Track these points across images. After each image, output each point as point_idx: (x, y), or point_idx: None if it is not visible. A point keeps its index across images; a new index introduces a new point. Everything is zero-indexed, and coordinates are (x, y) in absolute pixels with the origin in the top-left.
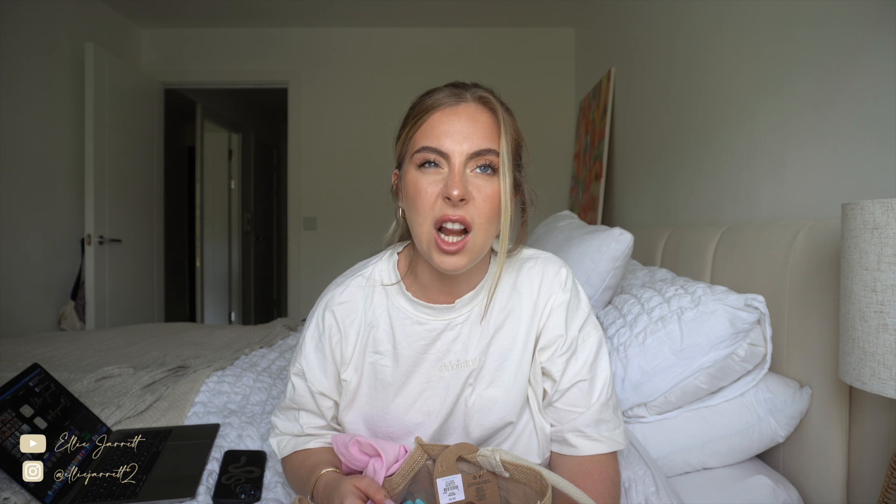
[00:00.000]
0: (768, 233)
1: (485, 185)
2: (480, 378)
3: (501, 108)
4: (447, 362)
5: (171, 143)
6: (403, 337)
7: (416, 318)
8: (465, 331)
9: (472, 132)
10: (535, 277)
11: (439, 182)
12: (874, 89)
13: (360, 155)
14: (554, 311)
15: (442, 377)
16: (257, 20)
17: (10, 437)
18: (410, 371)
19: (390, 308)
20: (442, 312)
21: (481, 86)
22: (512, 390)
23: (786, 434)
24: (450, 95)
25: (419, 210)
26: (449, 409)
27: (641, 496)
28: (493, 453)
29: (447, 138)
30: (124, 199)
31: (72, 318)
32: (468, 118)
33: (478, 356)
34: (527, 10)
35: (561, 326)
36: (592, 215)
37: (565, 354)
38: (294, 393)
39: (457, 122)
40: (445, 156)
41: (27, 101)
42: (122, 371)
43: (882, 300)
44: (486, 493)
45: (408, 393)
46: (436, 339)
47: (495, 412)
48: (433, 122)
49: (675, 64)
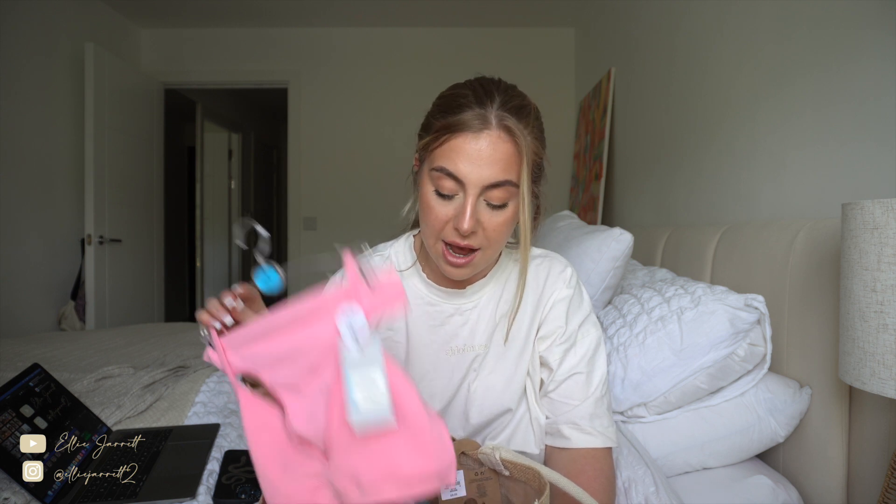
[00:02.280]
0: (768, 233)
1: (496, 215)
2: (484, 364)
3: (525, 132)
4: (453, 346)
5: (171, 143)
6: (416, 316)
7: (428, 298)
8: (473, 317)
9: (491, 162)
10: (542, 273)
11: (452, 209)
12: (874, 89)
13: (360, 155)
14: (556, 305)
15: (448, 361)
16: (257, 20)
17: (10, 437)
18: (419, 352)
19: (406, 287)
20: (453, 297)
21: (509, 94)
22: (513, 378)
23: (786, 434)
24: (475, 117)
25: (429, 226)
26: (452, 394)
27: (641, 496)
28: (493, 451)
29: (465, 165)
30: (124, 199)
31: (72, 318)
32: (490, 148)
33: (484, 342)
34: (527, 10)
35: (562, 318)
36: (592, 215)
37: (564, 345)
38: None
39: (477, 152)
40: (461, 183)
41: (27, 102)
42: (122, 371)
43: (882, 300)
44: (487, 490)
45: (415, 373)
46: (444, 321)
47: (495, 398)
48: (454, 145)
49: (676, 64)
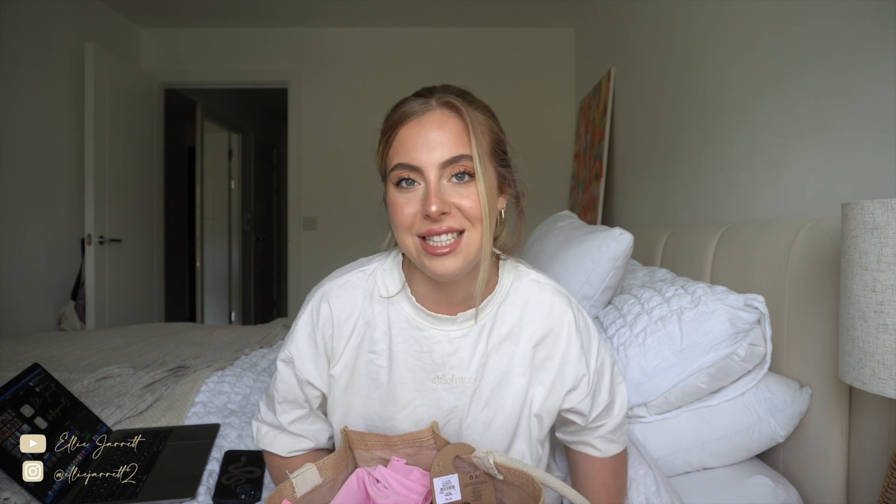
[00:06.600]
0: (768, 233)
1: (466, 191)
2: (475, 400)
3: (469, 108)
4: (441, 375)
5: (171, 143)
6: (400, 340)
7: (415, 322)
8: (463, 345)
9: (441, 140)
10: (544, 311)
11: (417, 200)
12: (874, 90)
13: (361, 155)
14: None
15: (434, 389)
16: (257, 20)
17: (10, 437)
18: (403, 376)
19: (390, 309)
20: (442, 323)
21: (450, 87)
22: (510, 417)
23: (786, 434)
24: (416, 104)
25: (400, 225)
26: (440, 425)
27: (642, 496)
28: (487, 455)
29: (417, 151)
30: (124, 199)
31: (72, 318)
32: (435, 126)
33: (474, 374)
34: (527, 10)
35: (582, 367)
36: (592, 215)
37: (591, 393)
38: (277, 380)
39: (424, 133)
40: (418, 170)
41: (27, 101)
42: (122, 371)
43: (882, 300)
44: (482, 494)
45: (398, 399)
46: (432, 348)
47: (488, 437)
48: (402, 136)
49: (675, 64)
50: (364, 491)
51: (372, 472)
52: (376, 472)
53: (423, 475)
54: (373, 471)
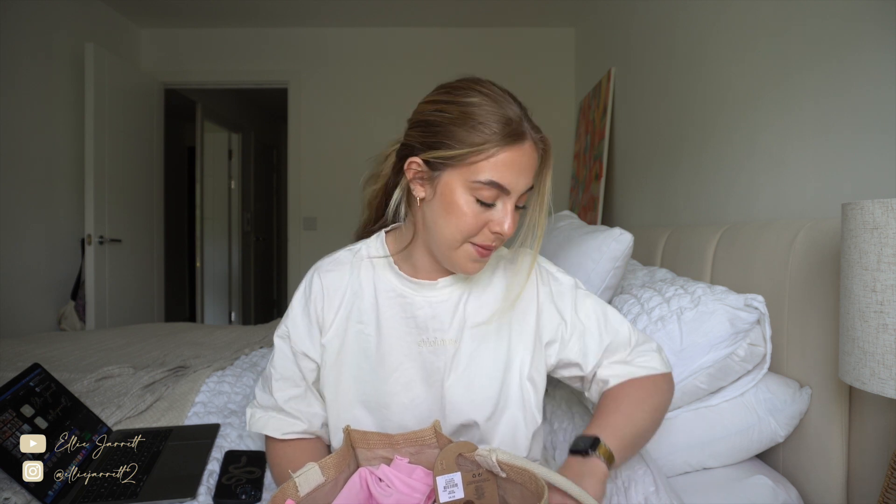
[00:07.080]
0: (768, 233)
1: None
2: (456, 361)
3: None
4: (425, 339)
5: (171, 143)
6: (386, 307)
7: (400, 290)
8: (442, 309)
9: (529, 170)
10: (513, 268)
11: (490, 213)
12: (874, 90)
13: (361, 155)
14: (543, 307)
15: (420, 353)
16: (257, 20)
17: (10, 437)
18: (390, 343)
19: (376, 280)
20: (424, 288)
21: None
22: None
23: (785, 434)
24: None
25: (459, 231)
26: (427, 386)
27: (641, 496)
28: (490, 453)
29: (515, 177)
30: (124, 199)
31: (72, 318)
32: (528, 157)
33: (454, 337)
34: (527, 10)
35: (556, 317)
36: (592, 215)
37: (574, 336)
38: (274, 357)
39: (525, 162)
40: (507, 192)
41: (27, 101)
42: (122, 371)
43: (882, 300)
44: (485, 492)
45: (387, 364)
46: (415, 313)
47: (469, 398)
48: (509, 157)
49: (675, 64)
50: (367, 490)
51: (375, 471)
52: (379, 471)
53: (425, 474)
54: (375, 470)
